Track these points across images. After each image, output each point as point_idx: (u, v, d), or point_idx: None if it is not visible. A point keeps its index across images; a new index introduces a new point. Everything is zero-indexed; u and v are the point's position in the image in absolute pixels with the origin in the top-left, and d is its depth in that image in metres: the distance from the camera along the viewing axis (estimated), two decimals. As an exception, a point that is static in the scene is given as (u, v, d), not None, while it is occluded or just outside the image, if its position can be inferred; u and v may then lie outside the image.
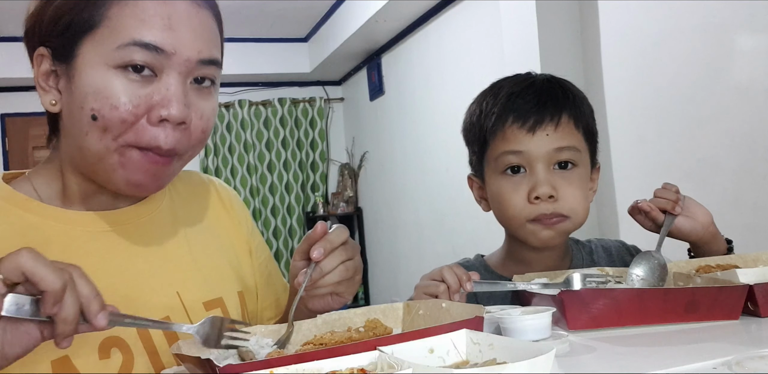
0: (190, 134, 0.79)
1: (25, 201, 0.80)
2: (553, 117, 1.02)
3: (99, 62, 0.74)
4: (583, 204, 1.04)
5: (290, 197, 5.73)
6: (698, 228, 1.04)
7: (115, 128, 0.74)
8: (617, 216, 2.48)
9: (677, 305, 0.78)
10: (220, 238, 0.96)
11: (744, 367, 0.57)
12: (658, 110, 2.30)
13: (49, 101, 0.78)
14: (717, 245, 1.06)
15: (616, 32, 2.48)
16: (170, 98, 0.75)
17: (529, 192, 1.01)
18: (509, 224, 1.06)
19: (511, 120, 1.02)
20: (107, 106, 0.73)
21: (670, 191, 1.05)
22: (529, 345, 0.58)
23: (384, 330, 0.73)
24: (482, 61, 3.44)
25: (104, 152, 0.76)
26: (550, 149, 1.01)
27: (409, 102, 4.49)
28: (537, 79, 1.08)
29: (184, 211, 0.94)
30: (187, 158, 0.82)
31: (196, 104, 0.79)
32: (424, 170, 4.29)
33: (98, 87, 0.74)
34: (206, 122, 0.81)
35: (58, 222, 0.80)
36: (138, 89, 0.74)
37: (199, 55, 0.77)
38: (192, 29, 0.77)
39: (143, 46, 0.74)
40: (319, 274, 0.79)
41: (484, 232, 3.31)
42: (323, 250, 0.78)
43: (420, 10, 4.00)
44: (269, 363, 0.58)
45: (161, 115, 0.75)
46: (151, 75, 0.75)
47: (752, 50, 1.96)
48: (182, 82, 0.77)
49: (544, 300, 0.84)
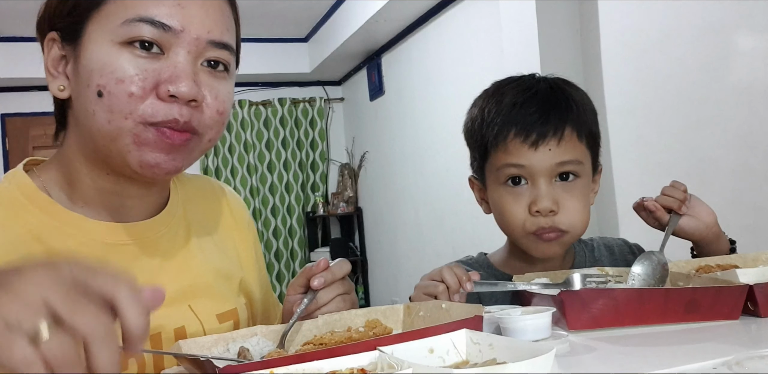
0: (203, 112, 0.75)
1: (47, 204, 0.77)
2: (556, 131, 1.00)
3: (105, 39, 0.72)
4: (582, 217, 1.03)
5: (290, 197, 5.73)
6: (702, 228, 1.03)
7: (122, 104, 0.71)
8: (617, 216, 2.49)
9: (677, 305, 0.78)
10: (228, 248, 0.95)
11: (744, 367, 0.57)
12: (658, 110, 2.30)
13: (58, 87, 0.76)
14: (720, 246, 1.06)
15: (616, 32, 2.48)
16: (179, 74, 0.72)
17: (530, 205, 1.01)
18: (510, 234, 1.06)
19: (513, 134, 1.01)
20: (113, 80, 0.71)
21: (678, 190, 1.04)
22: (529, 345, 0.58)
23: (384, 330, 0.73)
24: (482, 61, 3.44)
25: (116, 132, 0.72)
26: (552, 164, 1.00)
27: (409, 102, 4.49)
28: (540, 88, 1.05)
29: (197, 220, 0.92)
30: (205, 141, 0.78)
31: (209, 84, 0.76)
32: (424, 170, 4.29)
33: (104, 62, 0.71)
34: (222, 103, 0.77)
35: (78, 231, 0.77)
36: (145, 64, 0.72)
37: (209, 36, 0.75)
38: (203, 8, 0.75)
39: (149, 22, 0.72)
40: (315, 305, 0.79)
41: (484, 232, 3.31)
42: (324, 280, 0.78)
43: (420, 10, 4.00)
44: (269, 363, 0.58)
45: (169, 90, 0.71)
46: (159, 53, 0.73)
47: (752, 50, 1.96)
48: (191, 62, 0.74)
49: (544, 300, 0.84)
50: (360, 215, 5.62)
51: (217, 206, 0.97)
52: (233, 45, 0.79)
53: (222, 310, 0.87)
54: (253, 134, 5.65)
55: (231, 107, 0.80)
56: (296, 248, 5.74)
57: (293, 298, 0.81)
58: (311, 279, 0.78)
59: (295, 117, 5.79)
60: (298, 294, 0.81)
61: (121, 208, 0.82)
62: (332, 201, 5.76)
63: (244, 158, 5.62)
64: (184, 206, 0.91)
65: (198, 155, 0.79)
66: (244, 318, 0.90)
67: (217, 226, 0.95)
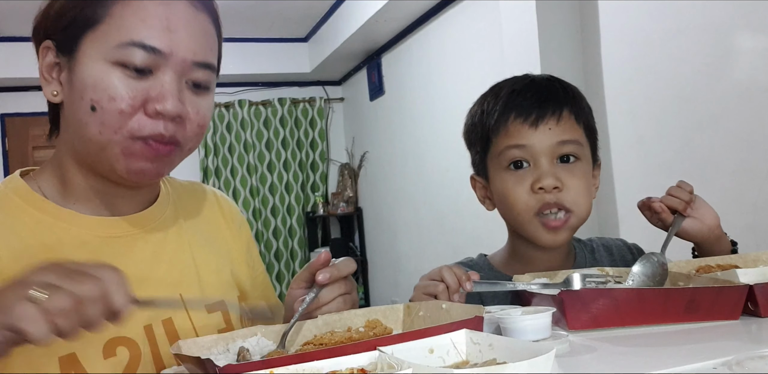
0: (186, 127, 0.81)
1: (40, 202, 0.83)
2: (555, 112, 1.04)
3: (99, 57, 0.77)
4: (586, 197, 1.05)
5: (290, 197, 5.73)
6: (704, 231, 1.04)
7: (113, 119, 0.77)
8: (617, 216, 2.48)
9: (677, 305, 0.78)
10: (220, 247, 0.97)
11: (744, 367, 0.57)
12: (658, 110, 2.30)
13: (51, 92, 0.81)
14: (721, 247, 1.06)
15: (616, 32, 2.48)
16: (165, 94, 0.78)
17: (533, 184, 1.02)
18: (516, 220, 1.06)
19: (513, 116, 1.04)
20: (105, 97, 0.76)
21: (685, 191, 1.04)
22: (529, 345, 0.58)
23: (384, 330, 0.73)
24: (482, 61, 3.44)
25: (106, 143, 0.78)
26: (553, 143, 1.03)
27: (409, 102, 4.49)
28: (537, 78, 1.10)
29: (187, 218, 0.95)
30: (186, 150, 0.84)
31: (191, 101, 0.82)
32: (424, 170, 4.29)
33: (97, 79, 0.77)
34: (202, 117, 0.83)
35: (71, 225, 0.82)
36: (134, 83, 0.77)
37: (194, 57, 0.80)
38: (189, 32, 0.80)
39: (141, 46, 0.77)
40: (316, 304, 0.79)
41: (484, 232, 3.31)
42: (329, 275, 0.79)
43: (420, 10, 4.00)
44: (269, 363, 0.58)
45: (156, 108, 0.77)
46: (148, 72, 0.78)
47: (752, 50, 1.96)
48: (177, 80, 0.80)
49: (544, 300, 0.84)
50: (360, 215, 5.62)
51: (207, 206, 1.01)
52: (215, 63, 0.86)
53: (210, 301, 0.90)
54: (253, 134, 5.64)
55: (210, 118, 0.88)
56: (296, 248, 5.74)
57: (296, 293, 0.83)
58: (316, 274, 0.79)
59: (295, 117, 5.79)
60: (301, 289, 0.83)
61: (112, 205, 0.87)
62: (332, 201, 5.76)
63: (244, 158, 5.62)
64: (175, 204, 0.95)
65: (179, 162, 0.86)
66: (235, 309, 0.92)
67: (207, 223, 0.98)
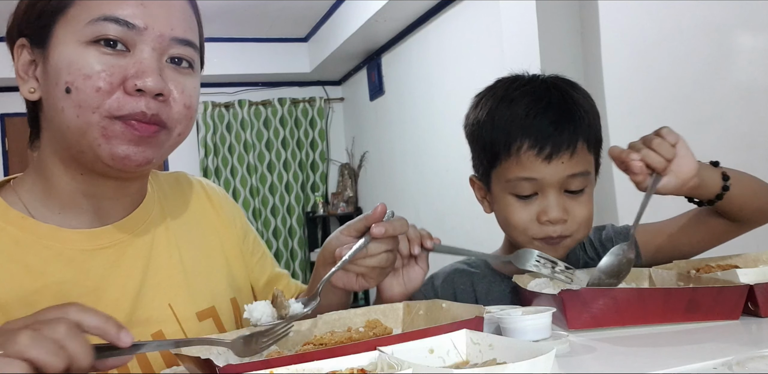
0: (171, 106, 0.77)
1: (19, 219, 0.78)
2: (569, 145, 0.98)
3: (72, 39, 0.74)
4: (589, 223, 1.04)
5: (290, 197, 5.73)
6: (680, 186, 0.92)
7: (90, 99, 0.73)
8: (617, 216, 2.48)
9: (677, 305, 0.78)
10: (211, 243, 0.95)
11: (744, 367, 0.57)
12: (658, 110, 2.30)
13: (28, 90, 0.78)
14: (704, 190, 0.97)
15: (616, 32, 2.48)
16: (144, 70, 0.74)
17: (539, 215, 1.00)
18: (516, 239, 1.05)
19: (527, 145, 0.98)
20: (80, 77, 0.73)
21: (668, 145, 0.89)
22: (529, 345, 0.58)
23: (384, 330, 0.73)
24: (482, 61, 3.44)
25: (85, 126, 0.74)
26: (564, 176, 0.99)
27: (409, 102, 4.49)
28: (553, 99, 1.01)
29: (174, 216, 0.92)
30: (174, 135, 0.79)
31: (174, 79, 0.78)
32: (424, 170, 4.29)
33: (71, 61, 0.73)
34: (188, 97, 0.79)
35: (54, 241, 0.78)
36: (111, 60, 0.74)
37: (173, 33, 0.77)
38: (165, 7, 0.77)
39: (114, 20, 0.74)
40: (364, 253, 0.81)
41: (484, 232, 3.31)
42: (384, 230, 0.80)
43: (420, 10, 4.00)
44: (269, 363, 0.58)
45: (137, 84, 0.73)
46: (124, 50, 0.75)
47: (752, 50, 1.96)
48: (156, 58, 0.76)
49: (544, 300, 0.84)
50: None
51: (195, 199, 0.97)
52: (196, 42, 0.81)
53: (201, 308, 0.88)
54: (252, 134, 5.65)
55: (198, 102, 0.83)
56: (296, 249, 5.74)
57: (345, 239, 0.84)
58: (372, 226, 0.81)
59: (295, 117, 5.79)
60: (351, 237, 0.84)
61: (99, 210, 0.82)
62: (332, 201, 5.76)
63: (244, 158, 5.62)
64: (161, 204, 0.91)
65: (169, 150, 0.81)
66: (227, 314, 0.90)
67: (196, 218, 0.95)
